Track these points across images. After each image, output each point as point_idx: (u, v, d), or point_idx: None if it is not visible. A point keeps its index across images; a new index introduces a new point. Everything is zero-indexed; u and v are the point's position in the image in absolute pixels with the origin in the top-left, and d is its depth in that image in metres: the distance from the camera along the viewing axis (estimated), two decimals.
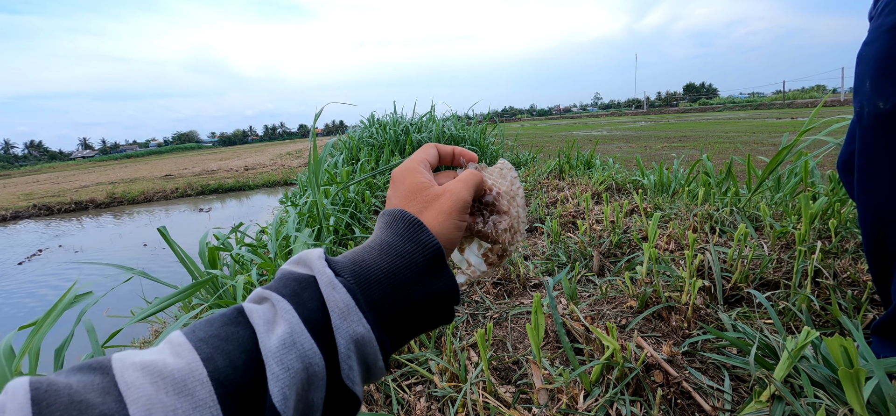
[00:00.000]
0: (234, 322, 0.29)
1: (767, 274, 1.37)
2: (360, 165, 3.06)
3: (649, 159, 6.34)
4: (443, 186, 0.40)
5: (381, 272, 0.32)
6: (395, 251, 0.33)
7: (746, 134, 9.63)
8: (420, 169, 0.41)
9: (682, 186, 2.63)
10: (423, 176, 0.41)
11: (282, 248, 1.46)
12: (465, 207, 0.39)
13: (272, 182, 12.75)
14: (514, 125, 32.31)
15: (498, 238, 0.44)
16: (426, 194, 0.39)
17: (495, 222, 0.44)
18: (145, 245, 6.72)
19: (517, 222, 0.46)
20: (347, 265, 0.33)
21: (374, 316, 0.31)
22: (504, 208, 0.45)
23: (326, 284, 0.31)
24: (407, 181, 0.40)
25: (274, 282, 0.32)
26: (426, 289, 0.34)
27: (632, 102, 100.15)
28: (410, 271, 0.33)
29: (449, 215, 0.38)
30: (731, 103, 41.15)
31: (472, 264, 0.46)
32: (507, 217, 0.45)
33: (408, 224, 0.35)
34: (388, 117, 6.16)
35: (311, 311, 0.30)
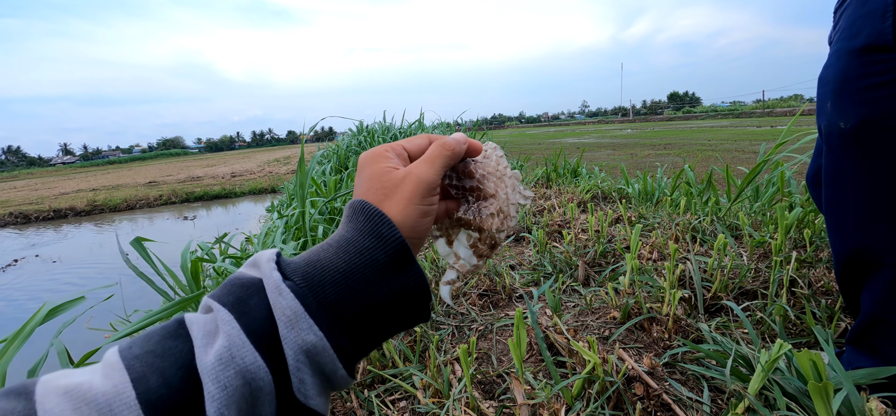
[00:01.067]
0: (173, 335, 0.27)
1: (746, 283, 1.40)
2: (347, 174, 3.05)
3: (635, 167, 6.45)
4: (404, 169, 0.37)
5: (338, 272, 0.30)
6: (354, 248, 0.31)
7: (728, 142, 9.88)
8: (386, 154, 0.37)
9: (666, 195, 2.68)
10: (388, 162, 0.37)
11: None
12: (430, 188, 0.36)
13: (259, 189, 12.59)
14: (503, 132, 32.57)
15: (483, 225, 0.40)
16: (387, 179, 0.35)
17: (480, 207, 0.41)
18: (127, 255, 6.56)
19: (506, 204, 0.42)
20: (300, 267, 0.30)
21: (329, 321, 0.28)
22: (490, 191, 0.41)
23: (273, 289, 0.28)
24: (369, 168, 0.37)
25: (220, 288, 0.30)
26: (390, 287, 0.31)
27: (618, 109, 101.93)
28: (371, 268, 0.30)
29: (410, 200, 0.34)
30: (714, 112, 42.23)
31: (462, 256, 0.42)
32: (495, 201, 0.41)
33: (368, 217, 0.32)
34: (378, 125, 6.16)
35: (257, 320, 0.27)
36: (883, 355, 0.77)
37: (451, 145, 0.39)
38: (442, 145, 0.39)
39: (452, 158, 0.39)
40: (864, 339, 0.82)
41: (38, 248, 7.86)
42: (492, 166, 0.42)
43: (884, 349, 0.78)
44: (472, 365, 0.97)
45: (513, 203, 0.43)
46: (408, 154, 0.40)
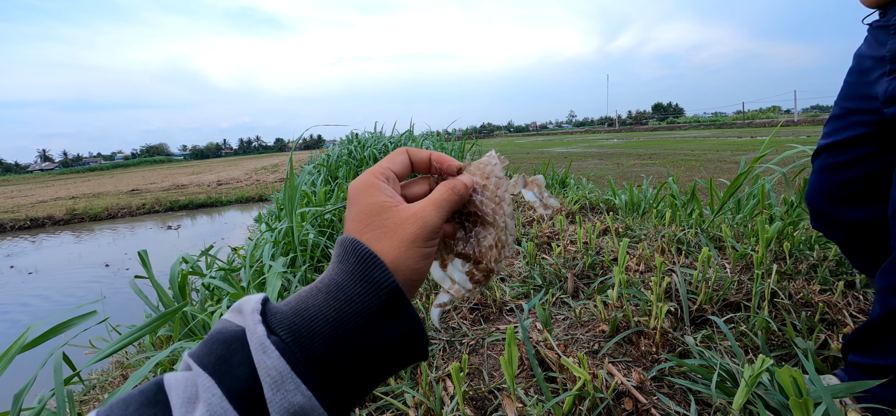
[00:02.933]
0: (151, 402, 0.25)
1: (730, 295, 1.44)
2: (338, 184, 3.03)
3: (622, 177, 6.56)
4: (407, 208, 0.34)
5: (327, 323, 0.28)
6: (344, 294, 0.29)
7: (711, 152, 10.14)
8: (379, 184, 0.35)
9: (651, 207, 2.74)
10: (383, 193, 0.34)
11: (256, 276, 1.42)
12: (434, 232, 0.34)
13: (246, 198, 12.42)
14: (492, 141, 32.83)
15: (482, 257, 0.39)
16: (385, 218, 0.33)
17: (479, 237, 0.39)
18: (107, 266, 6.38)
19: (505, 233, 0.40)
20: (287, 316, 0.28)
21: (318, 377, 0.26)
22: (489, 219, 0.39)
23: (257, 346, 0.26)
24: (363, 201, 0.34)
25: (201, 345, 0.28)
26: (383, 336, 0.29)
27: (605, 119, 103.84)
28: (362, 316, 0.28)
29: (412, 243, 0.32)
30: (696, 122, 43.36)
31: (456, 281, 0.40)
32: (493, 230, 0.39)
33: (359, 259, 0.30)
34: (368, 134, 6.15)
35: (240, 381, 0.25)
36: None
37: (461, 190, 0.37)
38: (451, 189, 0.37)
39: (460, 202, 0.38)
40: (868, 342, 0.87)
41: (13, 259, 7.59)
42: (491, 191, 0.40)
43: None
44: (463, 382, 0.98)
45: (511, 231, 0.41)
46: (395, 175, 0.38)
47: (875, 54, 0.83)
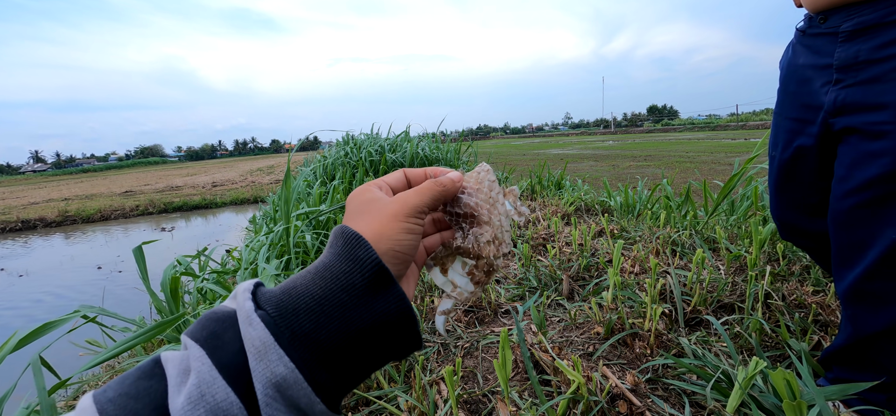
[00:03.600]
0: (149, 375, 0.26)
1: (724, 297, 1.44)
2: (333, 186, 3.02)
3: (617, 179, 6.59)
4: (392, 198, 0.37)
5: (313, 299, 0.28)
6: (331, 273, 0.30)
7: (705, 154, 10.20)
8: (372, 189, 0.38)
9: (646, 208, 2.74)
10: (374, 193, 0.38)
11: (251, 277, 1.40)
12: (415, 210, 0.36)
13: (241, 199, 12.35)
14: (488, 143, 32.84)
15: (481, 252, 0.40)
16: (372, 206, 0.36)
17: (476, 235, 0.40)
18: (100, 268, 6.32)
19: (501, 231, 0.41)
20: (275, 295, 0.29)
21: (302, 352, 0.27)
22: (484, 219, 0.41)
23: (244, 319, 0.27)
24: (356, 200, 0.38)
25: (195, 324, 0.29)
26: (368, 313, 0.29)
27: (600, 121, 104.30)
28: (347, 293, 0.29)
29: (394, 217, 0.35)
30: (691, 124, 43.66)
31: (458, 285, 0.41)
32: (489, 228, 0.41)
33: (346, 240, 0.32)
34: (364, 136, 6.14)
35: (229, 354, 0.26)
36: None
37: (445, 183, 0.40)
38: (436, 181, 0.39)
39: (444, 195, 0.39)
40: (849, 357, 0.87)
41: (3, 261, 7.49)
42: (484, 193, 0.42)
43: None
44: (457, 386, 0.97)
45: (506, 229, 0.42)
46: (391, 189, 0.40)
47: (817, 63, 0.79)
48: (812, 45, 0.80)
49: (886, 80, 0.69)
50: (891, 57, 0.68)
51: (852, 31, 0.72)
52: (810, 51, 0.81)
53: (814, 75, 0.80)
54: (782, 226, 1.04)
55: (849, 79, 0.74)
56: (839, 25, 0.73)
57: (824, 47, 0.77)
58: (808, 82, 0.81)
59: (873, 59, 0.70)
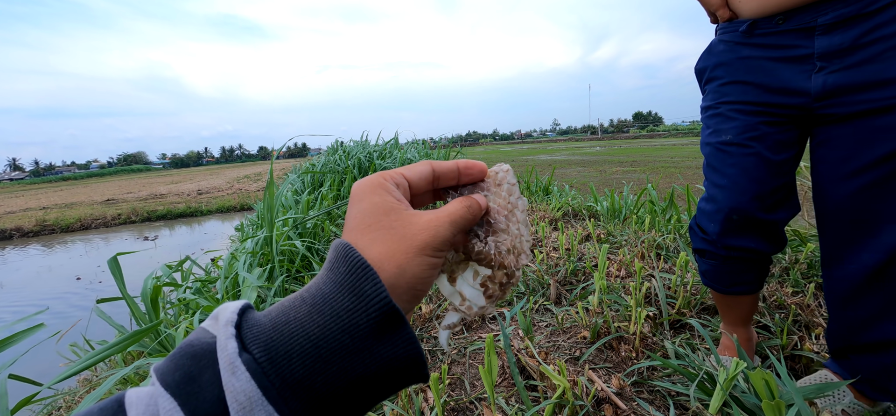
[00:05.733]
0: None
1: (707, 300, 1.47)
2: (320, 193, 3.00)
3: (604, 184, 6.68)
4: (419, 215, 0.31)
5: (309, 339, 0.24)
6: (330, 308, 0.26)
7: (689, 159, 10.42)
8: (388, 186, 0.32)
9: (632, 212, 2.78)
10: (391, 195, 0.31)
11: (231, 288, 1.38)
12: (444, 244, 0.31)
13: (227, 207, 12.16)
14: (477, 149, 33.08)
15: (503, 260, 0.35)
16: (393, 220, 0.30)
17: (498, 244, 0.36)
18: (79, 279, 6.13)
19: (519, 240, 0.37)
20: (265, 330, 0.25)
21: (294, 402, 0.24)
22: (502, 227, 0.36)
23: (226, 366, 0.23)
24: (368, 199, 0.30)
25: (167, 359, 0.25)
26: (372, 359, 0.26)
27: (587, 128, 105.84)
28: (349, 335, 0.25)
29: (421, 251, 0.29)
30: (675, 130, 44.60)
31: (468, 297, 0.36)
32: (507, 236, 0.36)
33: (350, 268, 0.27)
34: (353, 143, 6.11)
35: (206, 404, 0.22)
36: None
37: (476, 210, 0.34)
38: (469, 207, 0.34)
39: (474, 221, 0.34)
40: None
41: None
42: (503, 198, 0.37)
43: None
44: (444, 393, 0.96)
45: (526, 239, 0.38)
46: (408, 184, 0.34)
47: (781, 56, 0.84)
48: (769, 43, 0.86)
49: (884, 59, 0.74)
50: (884, 38, 0.74)
51: (831, 24, 0.78)
52: (765, 47, 0.86)
53: (777, 66, 0.85)
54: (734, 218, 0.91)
55: (835, 65, 0.78)
56: (813, 20, 0.80)
57: (792, 41, 0.83)
58: (771, 72, 0.86)
59: (862, 44, 0.76)
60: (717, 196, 0.93)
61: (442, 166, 0.35)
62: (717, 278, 1.01)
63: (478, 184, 0.38)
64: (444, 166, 0.36)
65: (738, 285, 0.99)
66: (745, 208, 0.89)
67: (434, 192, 0.37)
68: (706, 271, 1.03)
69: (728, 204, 0.91)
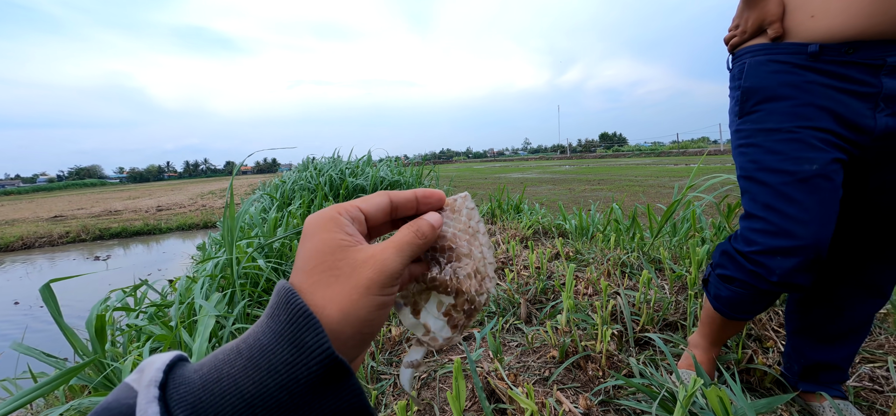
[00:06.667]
0: None
1: (669, 315, 1.52)
2: (288, 212, 2.91)
3: (573, 201, 6.87)
4: (366, 250, 0.29)
5: (242, 399, 0.22)
6: (267, 362, 0.24)
7: (651, 178, 10.93)
8: (340, 221, 0.30)
9: (599, 231, 2.87)
10: (342, 231, 0.29)
11: (187, 314, 1.30)
12: (393, 279, 0.29)
13: (189, 225, 11.58)
14: (451, 167, 33.31)
15: (460, 286, 0.34)
16: (339, 259, 0.28)
17: (455, 269, 0.35)
18: (17, 303, 5.62)
19: (483, 264, 0.36)
20: (194, 390, 0.23)
21: None
22: (463, 251, 0.35)
23: None
24: (317, 237, 0.29)
25: None
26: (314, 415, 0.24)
27: (557, 147, 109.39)
28: (287, 392, 0.23)
29: (367, 290, 0.27)
30: (638, 151, 46.88)
31: (432, 329, 0.35)
32: (470, 260, 0.35)
33: (291, 316, 0.25)
34: (325, 160, 6.02)
35: None
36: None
37: (426, 232, 0.33)
38: (416, 232, 0.32)
39: (425, 245, 0.33)
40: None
41: None
42: (463, 222, 0.36)
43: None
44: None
45: (490, 262, 0.37)
46: (365, 217, 0.32)
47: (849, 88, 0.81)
48: (836, 71, 0.82)
49: None
50: None
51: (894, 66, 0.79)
52: (832, 76, 0.82)
53: (847, 99, 0.82)
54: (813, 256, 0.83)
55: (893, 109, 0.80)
56: (882, 59, 0.79)
57: (859, 75, 0.81)
58: (845, 104, 0.82)
59: None
60: (795, 231, 0.82)
61: (400, 196, 0.35)
62: (738, 306, 0.96)
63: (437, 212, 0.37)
64: (401, 196, 0.35)
65: (751, 313, 0.96)
66: (825, 246, 0.82)
67: (393, 223, 0.36)
68: (729, 298, 0.96)
69: (812, 241, 0.81)
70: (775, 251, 0.83)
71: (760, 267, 0.85)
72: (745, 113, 0.91)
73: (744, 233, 0.90)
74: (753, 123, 0.89)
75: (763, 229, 0.85)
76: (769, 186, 0.85)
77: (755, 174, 0.88)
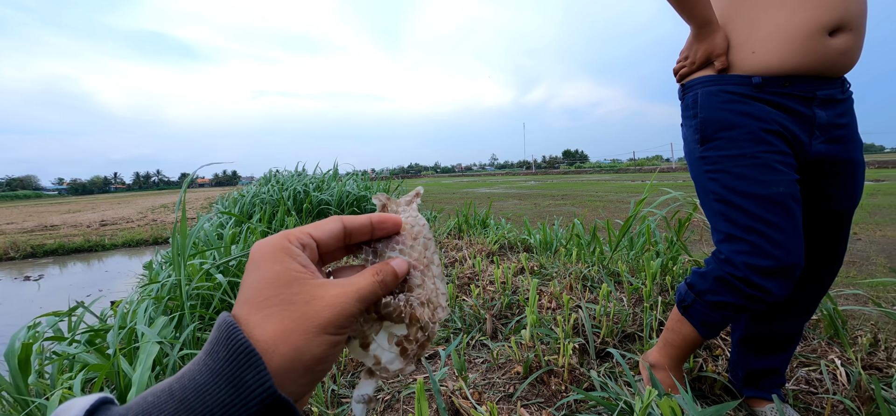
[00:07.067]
0: None
1: (627, 327, 1.58)
2: (247, 228, 2.78)
3: (538, 216, 7.05)
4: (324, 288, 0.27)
5: None
6: (202, 402, 0.22)
7: (611, 193, 11.43)
8: (292, 249, 0.28)
9: (561, 245, 2.96)
10: (295, 261, 0.27)
11: (127, 340, 1.19)
12: (350, 320, 0.28)
13: (137, 241, 10.78)
14: (419, 181, 33.30)
15: (415, 313, 0.34)
16: (293, 293, 0.26)
17: (409, 298, 0.34)
18: None
19: (436, 295, 0.36)
20: None
21: None
22: (416, 282, 0.35)
23: None
24: (266, 267, 0.27)
25: None
26: None
27: (523, 163, 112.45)
28: None
29: (322, 330, 0.26)
30: (599, 167, 49.15)
31: (383, 361, 0.34)
32: (422, 291, 0.35)
33: (231, 353, 0.23)
34: (288, 173, 5.84)
35: None
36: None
37: (390, 284, 0.32)
38: (380, 282, 0.31)
39: (387, 293, 0.32)
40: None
41: None
42: (419, 251, 0.36)
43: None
44: None
45: (442, 292, 0.36)
46: (317, 244, 0.31)
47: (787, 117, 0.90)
48: (778, 102, 0.90)
49: (849, 141, 0.92)
50: (847, 124, 0.92)
51: (823, 99, 0.90)
52: (775, 106, 0.91)
53: (790, 123, 0.91)
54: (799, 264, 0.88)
55: (824, 136, 0.91)
56: (814, 92, 0.89)
57: (796, 106, 0.90)
58: (788, 129, 0.90)
59: (837, 124, 0.91)
60: (774, 252, 0.86)
61: (354, 222, 0.33)
62: (717, 328, 0.99)
63: (393, 237, 0.36)
64: (355, 222, 0.33)
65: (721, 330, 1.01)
66: (803, 259, 0.87)
67: (346, 247, 0.35)
68: (719, 322, 0.98)
69: (791, 260, 0.86)
70: (767, 272, 0.86)
71: (758, 289, 0.88)
72: (707, 140, 0.96)
73: (731, 257, 0.91)
74: (717, 151, 0.94)
75: (750, 251, 0.88)
76: (746, 210, 0.89)
77: (731, 198, 0.91)
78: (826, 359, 1.38)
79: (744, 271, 0.89)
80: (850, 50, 0.87)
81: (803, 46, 0.86)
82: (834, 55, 0.86)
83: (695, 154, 1.00)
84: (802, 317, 1.07)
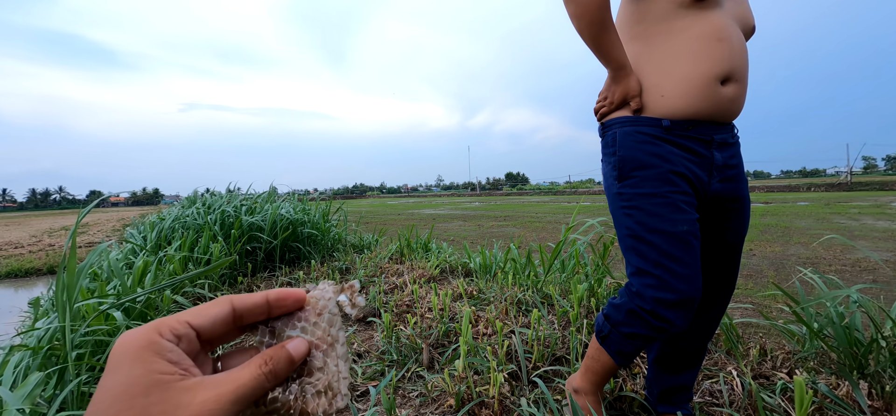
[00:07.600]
0: None
1: (557, 351, 1.64)
2: (165, 255, 2.50)
3: (481, 237, 7.20)
4: (193, 387, 0.24)
5: None
6: None
7: (549, 215, 12.06)
8: (162, 345, 0.25)
9: (499, 268, 3.04)
10: (161, 359, 0.24)
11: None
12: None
13: (27, 270, 9.26)
14: (364, 202, 32.61)
15: (306, 406, 0.30)
16: (151, 403, 0.23)
17: (303, 386, 0.31)
18: None
19: (337, 379, 0.33)
20: None
21: None
22: (318, 365, 0.32)
23: None
24: (125, 370, 0.23)
25: None
26: None
27: (467, 184, 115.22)
28: None
29: None
30: (538, 189, 52.01)
31: None
32: (323, 375, 0.32)
33: None
34: (216, 195, 5.40)
35: None
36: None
37: (282, 370, 0.29)
38: (268, 374, 0.28)
39: (278, 383, 0.29)
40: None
41: None
42: (323, 329, 0.33)
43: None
44: None
45: (344, 376, 0.33)
46: (197, 335, 0.27)
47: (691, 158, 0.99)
48: (683, 143, 0.99)
49: (738, 180, 1.05)
50: (736, 165, 1.05)
51: (719, 143, 1.01)
52: (681, 148, 1.00)
53: (693, 165, 1.00)
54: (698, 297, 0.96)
55: (720, 176, 1.03)
56: (712, 136, 1.00)
57: (698, 148, 1.00)
58: (691, 170, 1.00)
59: (729, 165, 1.03)
60: (678, 286, 0.93)
61: (245, 302, 0.30)
62: (630, 357, 1.07)
63: (295, 314, 0.33)
64: (247, 302, 0.30)
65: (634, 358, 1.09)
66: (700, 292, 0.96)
67: (239, 329, 0.31)
68: (632, 352, 1.05)
69: (692, 294, 0.94)
70: (671, 304, 0.94)
71: (663, 321, 0.95)
72: (624, 178, 1.03)
73: (640, 290, 0.98)
74: (632, 188, 1.01)
75: (657, 285, 0.95)
76: (655, 246, 0.95)
77: (642, 234, 0.98)
78: (725, 371, 1.54)
79: (652, 304, 0.95)
80: (738, 98, 1.01)
81: (702, 93, 0.97)
82: (726, 103, 0.99)
83: (613, 189, 1.07)
84: (706, 337, 1.19)
